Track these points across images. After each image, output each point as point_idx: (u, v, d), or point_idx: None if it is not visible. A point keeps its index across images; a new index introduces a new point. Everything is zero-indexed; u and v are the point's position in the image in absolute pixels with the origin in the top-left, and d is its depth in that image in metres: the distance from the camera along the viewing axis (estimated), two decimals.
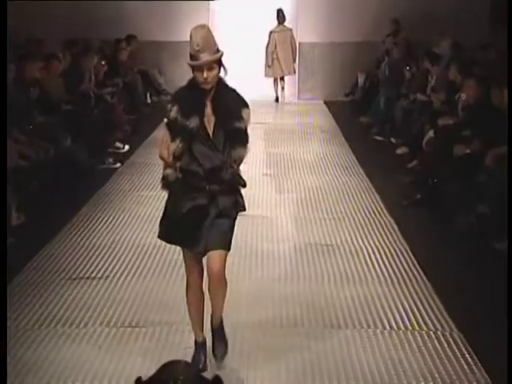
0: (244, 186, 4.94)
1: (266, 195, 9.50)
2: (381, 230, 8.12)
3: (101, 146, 11.14)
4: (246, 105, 4.82)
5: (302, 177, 10.39)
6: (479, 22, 15.64)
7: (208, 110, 4.73)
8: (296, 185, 10.00)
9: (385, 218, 8.50)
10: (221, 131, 4.73)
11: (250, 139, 4.82)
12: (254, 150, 12.07)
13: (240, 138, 4.79)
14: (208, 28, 4.76)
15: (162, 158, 4.86)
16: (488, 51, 11.91)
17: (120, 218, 8.46)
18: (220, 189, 4.77)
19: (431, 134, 9.98)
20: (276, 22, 16.75)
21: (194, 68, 4.65)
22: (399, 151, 11.54)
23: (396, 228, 8.13)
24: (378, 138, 12.96)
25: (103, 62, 13.62)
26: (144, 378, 1.90)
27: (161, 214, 4.95)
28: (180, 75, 17.43)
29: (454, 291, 6.44)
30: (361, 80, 15.90)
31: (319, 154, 11.74)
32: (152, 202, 9.07)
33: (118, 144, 11.96)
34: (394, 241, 7.74)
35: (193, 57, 4.64)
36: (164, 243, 7.35)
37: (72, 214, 8.53)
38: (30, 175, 8.72)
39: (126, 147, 12.02)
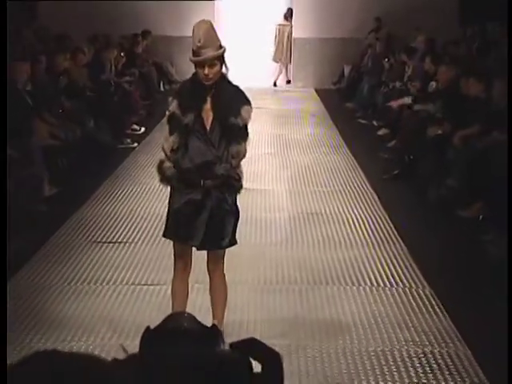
0: (239, 181, 4.42)
1: (265, 171, 9.51)
2: (364, 200, 8.13)
3: (120, 127, 11.10)
4: (246, 102, 4.29)
5: (295, 155, 10.38)
6: (449, 20, 15.61)
7: (207, 105, 4.25)
8: (291, 162, 10.00)
9: (367, 191, 8.51)
10: (218, 127, 4.24)
11: (255, 123, 4.52)
12: (258, 131, 12.10)
13: (236, 134, 4.27)
14: (211, 23, 4.26)
15: (163, 151, 4.43)
16: (458, 46, 11.89)
17: (137, 190, 8.47)
18: (214, 184, 4.29)
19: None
20: (283, 18, 16.85)
21: (195, 64, 4.20)
22: (380, 132, 11.52)
23: (377, 199, 8.15)
24: (362, 121, 12.94)
25: (122, 54, 13.58)
26: (152, 327, 1.93)
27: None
28: (189, 67, 17.43)
29: (426, 253, 6.48)
30: (347, 71, 15.87)
31: (311, 135, 11.72)
32: None
33: (135, 126, 11.93)
34: (375, 210, 7.76)
35: (195, 53, 4.17)
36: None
37: (96, 186, 8.54)
38: (60, 153, 8.73)
39: (142, 129, 11.98)
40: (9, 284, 5.49)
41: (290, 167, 9.72)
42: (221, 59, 4.23)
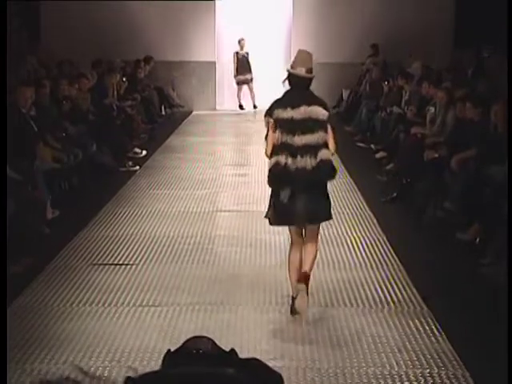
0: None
1: (265, 194, 9.47)
2: (362, 222, 8.12)
3: (122, 151, 11.12)
4: None
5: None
6: (443, 47, 15.77)
7: None
8: None
9: (366, 213, 8.50)
10: None
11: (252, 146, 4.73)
12: (255, 155, 12.12)
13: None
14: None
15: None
16: (453, 71, 11.95)
17: (139, 213, 8.45)
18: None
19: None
20: None
21: None
22: (378, 155, 11.52)
23: (375, 221, 8.13)
24: (360, 144, 12.95)
25: (124, 79, 13.64)
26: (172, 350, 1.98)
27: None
28: (190, 91, 17.56)
29: (424, 275, 6.45)
30: (345, 95, 15.94)
31: None
32: (166, 199, 9.08)
33: (137, 150, 11.93)
34: (374, 232, 7.75)
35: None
36: (175, 234, 7.43)
37: (98, 209, 8.52)
38: (63, 176, 8.75)
39: (144, 152, 11.99)
40: (10, 306, 5.47)
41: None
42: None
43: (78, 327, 5.30)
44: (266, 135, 5.37)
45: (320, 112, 5.28)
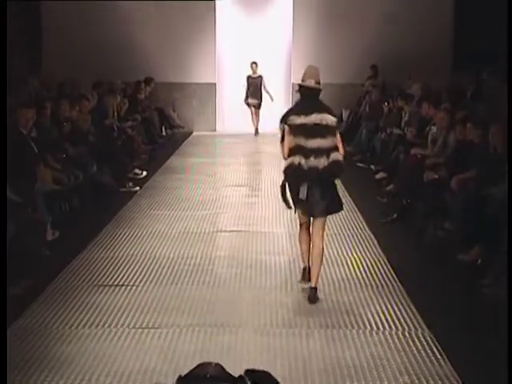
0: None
1: (265, 214, 9.49)
2: (363, 243, 8.10)
3: (122, 171, 11.12)
4: None
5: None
6: (442, 69, 15.84)
7: None
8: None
9: (366, 234, 8.49)
10: None
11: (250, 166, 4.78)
12: (254, 176, 12.13)
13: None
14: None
15: None
16: (451, 94, 11.98)
17: (139, 234, 8.43)
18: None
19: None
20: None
21: None
22: (378, 176, 11.52)
23: (376, 242, 8.11)
24: (360, 164, 12.97)
25: (125, 101, 13.68)
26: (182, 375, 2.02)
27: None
28: (190, 113, 17.61)
29: (426, 297, 6.42)
30: (345, 115, 15.96)
31: None
32: (166, 219, 9.07)
33: (137, 170, 11.94)
34: (374, 252, 7.72)
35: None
36: (176, 255, 7.42)
37: (98, 230, 8.50)
38: (63, 197, 8.74)
39: (144, 173, 11.99)
40: (10, 327, 5.44)
41: (289, 210, 9.67)
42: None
43: (78, 349, 5.27)
44: (282, 140, 6.11)
45: (329, 118, 6.04)
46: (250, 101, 17.12)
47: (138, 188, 10.97)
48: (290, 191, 6.18)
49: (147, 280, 6.81)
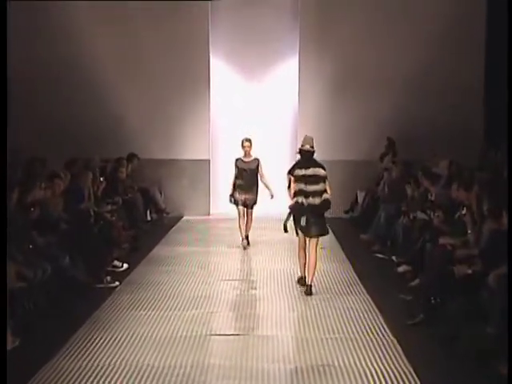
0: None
1: (267, 313, 9.39)
2: (384, 350, 7.96)
3: (99, 264, 11.04)
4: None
5: (302, 295, 10.26)
6: (472, 143, 15.98)
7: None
8: (297, 303, 9.89)
9: (387, 338, 8.36)
10: None
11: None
12: (257, 266, 12.05)
13: None
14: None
15: None
16: (485, 172, 12.03)
17: (118, 338, 8.31)
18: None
19: None
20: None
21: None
22: (400, 269, 11.44)
23: (399, 349, 7.98)
24: (379, 255, 12.91)
25: (102, 179, 13.70)
26: None
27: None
28: (179, 193, 17.64)
29: None
30: (360, 197, 16.01)
31: (320, 271, 11.61)
32: (150, 321, 8.96)
33: (117, 262, 11.86)
34: (398, 362, 7.58)
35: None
36: (161, 365, 7.30)
37: (68, 335, 8.36)
38: (27, 295, 8.62)
39: (125, 265, 11.92)
40: None
41: (296, 309, 9.60)
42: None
43: None
44: (288, 186, 10.45)
45: (321, 171, 10.28)
46: (238, 196, 13.62)
47: (117, 283, 10.88)
48: (294, 221, 10.37)
49: None
